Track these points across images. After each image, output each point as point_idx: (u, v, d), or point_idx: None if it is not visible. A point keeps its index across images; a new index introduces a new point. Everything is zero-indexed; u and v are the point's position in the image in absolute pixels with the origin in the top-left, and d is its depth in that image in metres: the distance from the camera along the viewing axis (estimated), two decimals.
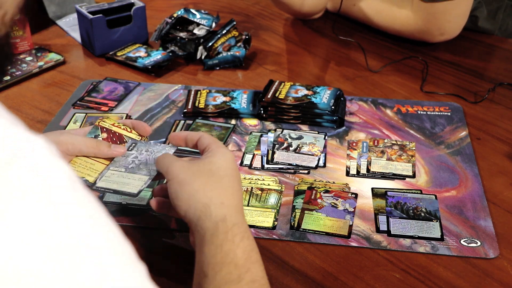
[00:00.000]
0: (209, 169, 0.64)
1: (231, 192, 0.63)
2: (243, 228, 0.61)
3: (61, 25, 1.37)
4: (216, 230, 0.60)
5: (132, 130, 0.75)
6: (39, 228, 0.31)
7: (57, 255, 0.31)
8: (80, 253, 0.32)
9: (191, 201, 0.62)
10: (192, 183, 0.63)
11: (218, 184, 0.63)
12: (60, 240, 0.32)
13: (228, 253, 0.58)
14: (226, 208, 0.61)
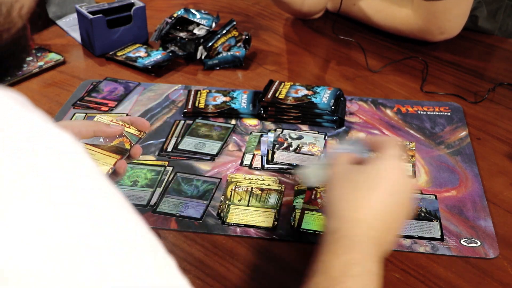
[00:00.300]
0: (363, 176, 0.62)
1: (369, 208, 0.60)
2: (352, 241, 0.58)
3: (61, 25, 1.37)
4: (327, 239, 0.59)
5: (130, 126, 0.75)
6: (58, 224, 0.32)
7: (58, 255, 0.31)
8: (80, 252, 0.32)
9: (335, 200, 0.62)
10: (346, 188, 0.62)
11: (357, 193, 0.61)
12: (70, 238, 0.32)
13: (328, 261, 0.57)
14: (347, 222, 0.60)
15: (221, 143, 0.95)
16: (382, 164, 0.63)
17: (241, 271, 0.73)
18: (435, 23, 1.20)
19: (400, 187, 0.62)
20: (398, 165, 0.63)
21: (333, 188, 0.63)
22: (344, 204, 0.61)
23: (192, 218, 0.80)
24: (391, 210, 0.61)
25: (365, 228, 0.59)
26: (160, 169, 0.90)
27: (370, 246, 0.58)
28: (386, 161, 0.63)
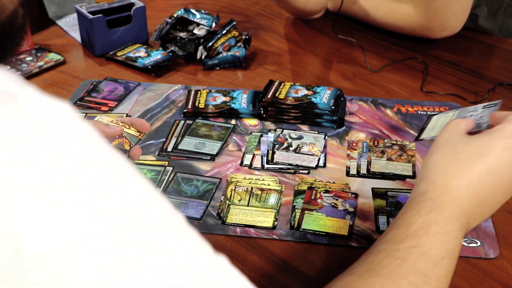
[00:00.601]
0: (472, 147, 0.60)
1: (464, 178, 0.59)
2: (439, 204, 0.57)
3: (61, 25, 1.37)
4: (413, 200, 0.59)
5: (130, 127, 0.75)
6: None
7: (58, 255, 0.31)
8: (81, 253, 0.32)
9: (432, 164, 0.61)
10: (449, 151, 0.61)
11: (457, 163, 0.60)
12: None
13: (408, 217, 0.57)
14: (437, 187, 0.59)
15: (221, 143, 0.95)
16: (493, 140, 0.60)
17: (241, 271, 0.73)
18: (436, 20, 1.20)
19: (505, 168, 0.59)
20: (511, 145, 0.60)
21: (434, 153, 0.62)
22: (440, 171, 0.60)
23: (192, 218, 0.80)
24: (488, 186, 0.59)
25: (455, 196, 0.58)
26: (160, 169, 0.90)
27: (456, 214, 0.57)
28: (500, 139, 0.60)
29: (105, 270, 0.32)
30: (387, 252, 0.55)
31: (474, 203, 0.59)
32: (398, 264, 0.53)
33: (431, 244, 0.55)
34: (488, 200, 0.60)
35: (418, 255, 0.54)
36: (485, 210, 0.61)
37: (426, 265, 0.54)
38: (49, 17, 1.39)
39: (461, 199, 0.58)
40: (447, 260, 0.55)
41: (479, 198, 0.59)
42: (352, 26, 1.36)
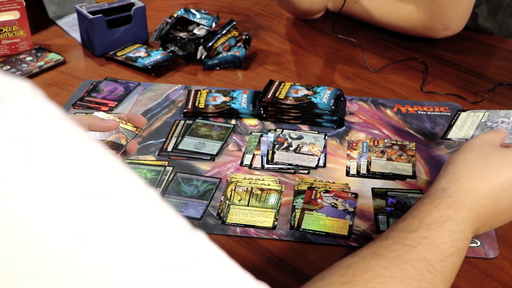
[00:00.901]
0: (504, 158, 0.61)
1: (488, 185, 0.60)
2: (458, 202, 0.58)
3: (61, 25, 1.37)
4: (433, 194, 0.59)
5: (127, 122, 0.75)
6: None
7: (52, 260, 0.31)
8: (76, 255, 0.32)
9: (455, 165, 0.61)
10: (474, 156, 0.61)
11: (485, 169, 0.60)
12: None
13: (424, 210, 0.57)
14: (460, 187, 0.59)
15: (221, 143, 0.95)
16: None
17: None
18: (439, 19, 1.20)
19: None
20: None
21: (465, 153, 0.62)
22: (467, 172, 0.60)
23: (192, 218, 0.80)
24: (508, 200, 0.60)
25: (475, 200, 0.58)
26: (160, 169, 0.90)
27: (471, 217, 0.58)
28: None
29: (76, 246, 0.32)
30: (397, 239, 0.55)
31: (489, 211, 0.60)
32: (405, 250, 0.53)
33: (444, 238, 0.55)
34: (503, 212, 0.61)
35: (428, 245, 0.54)
36: (495, 222, 0.62)
37: (434, 256, 0.53)
38: (49, 17, 1.39)
39: (479, 204, 0.59)
40: (456, 258, 0.55)
41: (495, 208, 0.60)
42: (352, 26, 1.36)
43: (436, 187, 0.60)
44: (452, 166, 0.62)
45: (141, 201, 0.36)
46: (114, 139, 0.73)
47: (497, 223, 0.62)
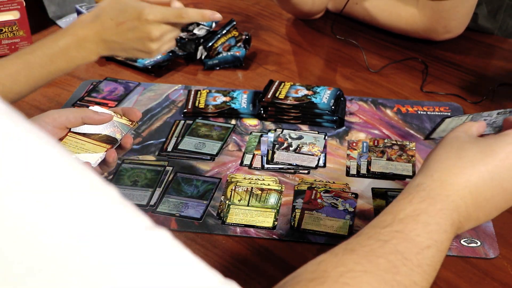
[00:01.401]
0: (477, 147, 0.59)
1: (463, 176, 0.57)
2: (432, 196, 0.56)
3: (61, 25, 1.37)
4: (407, 190, 0.58)
5: (122, 116, 0.76)
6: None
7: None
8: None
9: (435, 157, 0.60)
10: (453, 149, 0.60)
11: (458, 160, 0.58)
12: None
13: (398, 205, 0.56)
14: (434, 181, 0.58)
15: (221, 143, 0.95)
16: (500, 143, 0.59)
17: (241, 271, 0.73)
18: (441, 22, 1.20)
19: (507, 173, 0.58)
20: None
21: (439, 148, 0.61)
22: (440, 166, 0.58)
23: (192, 218, 0.80)
24: (488, 190, 0.58)
25: (451, 192, 0.57)
26: (160, 169, 0.90)
27: (449, 209, 0.56)
28: (507, 143, 0.59)
29: (29, 249, 0.31)
30: (369, 234, 0.53)
31: (470, 203, 0.57)
32: (378, 245, 0.51)
33: (418, 231, 0.53)
34: (485, 203, 0.58)
35: (401, 239, 0.52)
36: (480, 214, 0.59)
37: (409, 249, 0.52)
38: (49, 17, 1.39)
39: (456, 196, 0.57)
40: (433, 250, 0.53)
41: (476, 199, 0.57)
42: (352, 26, 1.36)
43: (411, 184, 0.59)
44: (427, 162, 0.60)
45: (96, 199, 0.35)
46: (109, 133, 0.74)
47: (483, 215, 0.59)
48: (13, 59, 0.82)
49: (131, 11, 0.84)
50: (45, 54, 0.83)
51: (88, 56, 0.85)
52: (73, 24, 0.86)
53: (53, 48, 0.83)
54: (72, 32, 0.85)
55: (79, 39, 0.84)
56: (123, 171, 0.89)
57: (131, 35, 0.85)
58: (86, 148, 0.72)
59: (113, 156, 0.71)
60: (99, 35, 0.84)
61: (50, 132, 0.70)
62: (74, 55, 0.84)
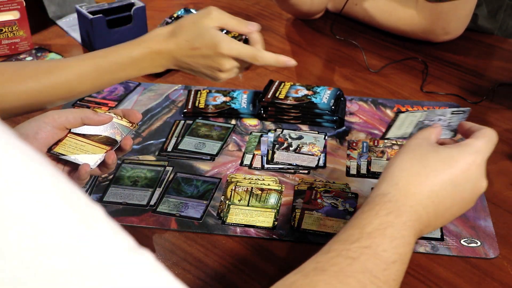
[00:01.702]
0: (440, 156, 0.60)
1: (427, 186, 0.59)
2: (398, 207, 0.57)
3: (61, 25, 1.37)
4: (373, 200, 0.58)
5: (122, 118, 0.75)
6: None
7: None
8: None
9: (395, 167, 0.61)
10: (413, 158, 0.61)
11: (422, 169, 0.59)
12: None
13: (365, 218, 0.56)
14: (399, 190, 0.59)
15: (221, 143, 0.95)
16: (462, 153, 0.60)
17: (241, 271, 0.73)
18: (440, 24, 1.20)
19: (468, 183, 0.60)
20: (479, 161, 0.61)
21: (402, 155, 0.62)
22: (405, 174, 0.60)
23: (192, 218, 0.80)
24: (448, 199, 0.60)
25: (415, 202, 0.58)
26: (160, 169, 0.90)
27: (412, 220, 0.57)
28: (468, 154, 0.60)
29: (7, 269, 0.31)
30: (338, 251, 0.53)
31: (431, 213, 0.59)
32: (348, 263, 0.52)
33: (385, 246, 0.54)
34: (444, 212, 0.60)
35: (369, 255, 0.53)
36: (438, 222, 0.61)
37: (377, 266, 0.53)
38: (49, 17, 1.39)
39: (419, 206, 0.58)
40: (398, 264, 0.54)
41: (437, 209, 0.59)
42: (352, 26, 1.36)
43: (375, 193, 0.60)
44: (391, 169, 0.61)
45: (79, 218, 0.34)
46: (109, 135, 0.74)
47: (441, 222, 0.61)
48: (85, 60, 0.83)
49: (208, 40, 0.83)
50: (117, 61, 0.83)
51: (156, 68, 0.86)
52: (148, 36, 0.86)
53: (126, 57, 0.84)
54: (147, 45, 0.85)
55: (152, 52, 0.84)
56: (123, 171, 0.89)
57: (202, 62, 0.83)
58: (86, 150, 0.72)
59: (112, 158, 0.71)
60: (172, 53, 0.83)
61: (49, 133, 0.70)
62: (144, 65, 0.84)
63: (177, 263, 0.74)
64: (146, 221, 0.80)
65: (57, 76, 0.80)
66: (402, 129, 0.73)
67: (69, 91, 0.81)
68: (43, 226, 0.32)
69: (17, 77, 0.80)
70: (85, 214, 0.35)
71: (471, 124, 0.67)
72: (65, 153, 0.70)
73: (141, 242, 0.78)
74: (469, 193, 0.61)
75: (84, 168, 0.69)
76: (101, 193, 0.85)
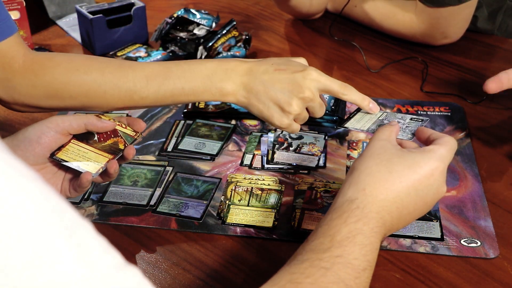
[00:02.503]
0: (405, 161, 0.61)
1: (393, 191, 0.60)
2: (365, 214, 0.58)
3: (61, 25, 1.37)
4: (340, 206, 0.59)
5: (127, 126, 0.75)
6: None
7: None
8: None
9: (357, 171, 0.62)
10: (375, 163, 0.62)
11: (389, 175, 0.61)
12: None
13: (334, 226, 0.57)
14: (366, 196, 0.60)
15: (221, 143, 0.95)
16: (426, 159, 0.62)
17: (241, 271, 0.73)
18: (439, 28, 1.20)
19: (430, 188, 0.62)
20: (441, 168, 0.62)
21: (368, 158, 0.63)
22: (372, 179, 0.61)
23: (192, 218, 0.80)
24: (412, 204, 0.61)
25: (381, 207, 0.59)
26: (160, 169, 0.90)
27: (379, 226, 0.59)
28: (432, 159, 0.62)
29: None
30: (311, 261, 0.55)
31: (395, 217, 0.61)
32: (321, 273, 0.53)
33: (356, 254, 0.55)
34: (407, 216, 0.62)
35: (342, 264, 0.54)
36: (400, 225, 0.63)
37: (349, 275, 0.54)
38: (49, 17, 1.39)
39: (385, 212, 0.60)
40: (368, 271, 0.56)
41: (400, 213, 0.61)
42: (352, 26, 1.36)
43: (343, 198, 0.61)
44: (357, 174, 0.62)
45: (67, 235, 0.34)
46: (112, 143, 0.73)
47: (402, 225, 0.63)
48: (157, 64, 0.78)
49: (297, 65, 0.77)
50: (189, 69, 0.77)
51: (225, 89, 0.76)
52: (231, 59, 0.80)
53: (199, 67, 0.77)
54: (225, 60, 0.79)
55: (228, 67, 0.77)
56: (123, 171, 0.89)
57: (280, 84, 0.75)
58: (88, 157, 0.71)
59: (114, 168, 0.71)
60: (249, 70, 0.76)
61: (52, 137, 0.69)
62: (214, 80, 0.76)
63: (177, 263, 0.74)
64: (146, 221, 0.80)
65: (125, 73, 0.77)
66: (361, 122, 0.74)
67: (131, 92, 0.77)
68: (31, 243, 0.32)
69: (85, 67, 0.78)
70: (74, 231, 0.35)
71: (431, 131, 0.68)
72: (68, 159, 0.70)
73: (141, 242, 0.78)
74: (430, 198, 0.63)
75: (86, 177, 0.69)
76: (101, 193, 0.85)
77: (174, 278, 0.72)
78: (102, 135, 0.73)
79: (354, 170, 0.63)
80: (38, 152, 0.69)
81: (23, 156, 0.68)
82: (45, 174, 0.71)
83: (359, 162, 0.63)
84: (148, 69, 0.78)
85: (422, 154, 0.62)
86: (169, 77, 0.77)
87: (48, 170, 0.71)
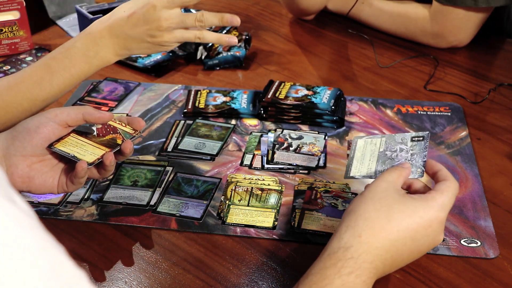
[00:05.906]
0: (406, 209, 0.62)
1: (389, 240, 0.61)
2: (359, 265, 0.59)
3: (61, 25, 1.37)
4: (335, 253, 0.60)
5: (126, 125, 0.76)
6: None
7: None
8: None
9: (354, 215, 0.62)
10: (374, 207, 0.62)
11: (387, 223, 0.61)
12: None
13: (327, 276, 0.58)
14: (361, 243, 0.60)
15: (221, 143, 0.95)
16: (427, 208, 0.62)
17: (241, 271, 0.73)
18: (452, 29, 1.20)
19: (427, 239, 0.63)
20: (441, 218, 0.63)
21: (368, 201, 0.63)
22: (369, 225, 0.61)
23: (192, 218, 0.80)
24: (406, 252, 0.62)
25: (376, 256, 0.60)
26: (160, 169, 0.90)
27: (371, 277, 0.60)
28: (432, 209, 0.63)
29: None
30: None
31: (387, 265, 0.61)
32: None
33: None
34: (400, 262, 0.63)
35: None
36: (392, 270, 0.63)
37: None
38: (49, 17, 1.39)
39: (379, 261, 0.60)
40: None
41: (394, 259, 0.62)
42: (357, 23, 1.35)
43: (338, 243, 0.61)
44: (355, 217, 0.62)
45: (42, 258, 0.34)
46: (110, 138, 0.74)
47: (394, 270, 0.64)
48: (37, 66, 0.81)
49: (142, 1, 0.84)
50: (65, 57, 0.82)
51: (106, 56, 0.84)
52: (90, 25, 0.85)
53: (72, 50, 0.82)
54: (88, 31, 0.84)
55: (95, 37, 0.83)
56: (123, 171, 0.89)
57: (141, 27, 0.83)
58: (86, 149, 0.72)
59: (110, 159, 0.71)
60: (112, 30, 0.83)
61: (51, 128, 0.70)
62: (92, 55, 0.83)
63: (177, 263, 0.74)
64: (146, 221, 0.80)
65: (16, 91, 0.80)
66: (365, 163, 0.73)
67: (32, 100, 0.80)
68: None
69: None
70: (68, 280, 0.35)
71: (439, 168, 0.68)
72: (65, 150, 0.71)
73: (141, 242, 0.78)
74: (425, 247, 0.64)
75: (81, 165, 0.69)
76: (101, 193, 0.85)
77: (174, 278, 0.72)
78: (101, 130, 0.74)
79: (352, 212, 0.63)
80: (36, 143, 0.70)
81: (21, 146, 0.69)
82: (43, 167, 0.72)
83: (358, 203, 0.63)
84: (32, 75, 0.81)
85: (423, 203, 0.63)
86: (53, 72, 0.81)
87: (46, 163, 0.72)
